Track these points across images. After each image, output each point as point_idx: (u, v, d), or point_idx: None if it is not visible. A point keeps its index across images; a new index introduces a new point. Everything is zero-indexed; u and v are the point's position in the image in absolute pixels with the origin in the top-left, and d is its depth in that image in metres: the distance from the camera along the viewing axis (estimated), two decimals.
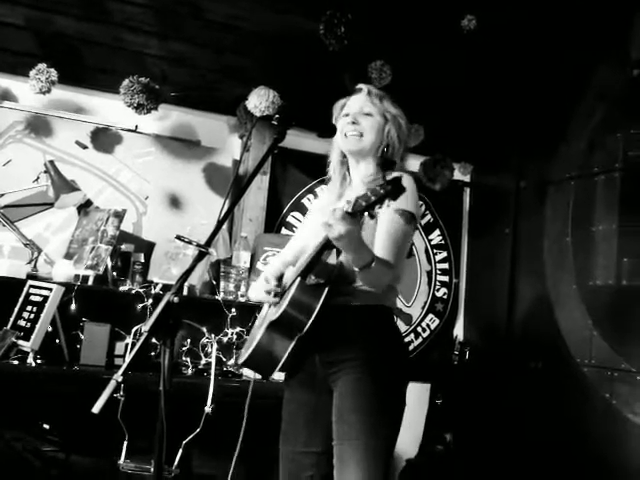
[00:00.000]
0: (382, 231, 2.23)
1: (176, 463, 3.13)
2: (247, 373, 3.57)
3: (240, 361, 2.43)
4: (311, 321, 2.12)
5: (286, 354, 2.21)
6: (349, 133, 2.37)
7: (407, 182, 2.27)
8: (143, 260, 3.88)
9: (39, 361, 3.20)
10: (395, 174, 2.19)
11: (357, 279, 2.24)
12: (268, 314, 2.37)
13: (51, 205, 3.88)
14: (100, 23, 3.83)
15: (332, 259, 2.24)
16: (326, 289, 2.14)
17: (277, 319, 2.17)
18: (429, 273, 4.92)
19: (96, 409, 1.73)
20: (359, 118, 2.37)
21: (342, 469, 2.22)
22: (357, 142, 2.37)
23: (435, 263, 4.94)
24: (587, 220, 3.98)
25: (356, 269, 2.11)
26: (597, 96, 4.02)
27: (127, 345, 3.43)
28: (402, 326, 4.71)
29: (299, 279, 2.15)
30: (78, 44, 3.89)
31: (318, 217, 2.43)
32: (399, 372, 2.33)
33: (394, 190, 1.85)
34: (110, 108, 4.08)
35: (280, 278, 2.41)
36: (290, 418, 2.41)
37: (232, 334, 3.64)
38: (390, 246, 2.21)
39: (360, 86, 2.46)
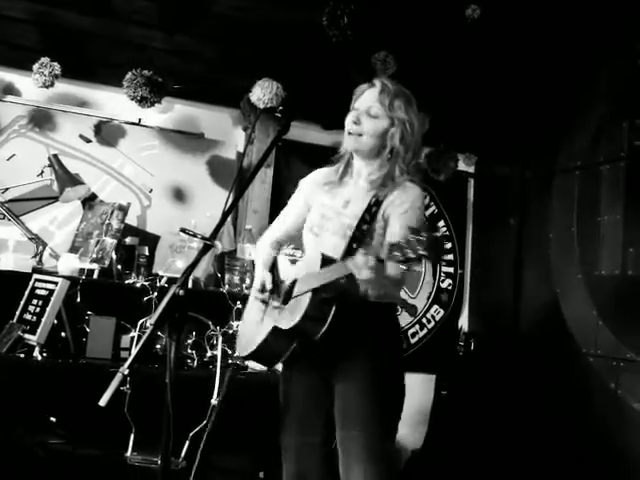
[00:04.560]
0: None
1: (183, 455, 3.14)
2: (252, 365, 3.58)
3: (243, 354, 2.46)
4: (320, 334, 2.14)
5: (289, 351, 2.27)
6: (349, 131, 2.33)
7: (414, 194, 2.28)
8: (148, 253, 3.89)
9: (45, 355, 3.21)
10: (408, 182, 2.24)
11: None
12: (268, 311, 2.38)
13: (56, 199, 3.89)
14: (104, 16, 3.82)
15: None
16: (334, 307, 2.14)
17: (289, 330, 2.19)
18: (434, 264, 4.91)
19: (103, 402, 1.73)
20: (362, 118, 2.30)
21: (350, 457, 2.24)
22: (354, 142, 2.32)
23: None
24: (592, 210, 3.97)
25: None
26: (602, 86, 4.00)
27: (133, 338, 3.44)
28: (407, 317, 4.70)
29: (311, 294, 2.15)
30: (81, 37, 3.89)
31: (314, 193, 2.45)
32: (400, 362, 2.37)
33: (435, 254, 1.81)
34: (114, 101, 4.08)
35: (273, 265, 2.47)
36: (293, 408, 2.41)
37: (237, 326, 3.64)
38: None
39: (375, 81, 2.36)
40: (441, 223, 4.95)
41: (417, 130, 2.33)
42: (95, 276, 3.62)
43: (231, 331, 3.62)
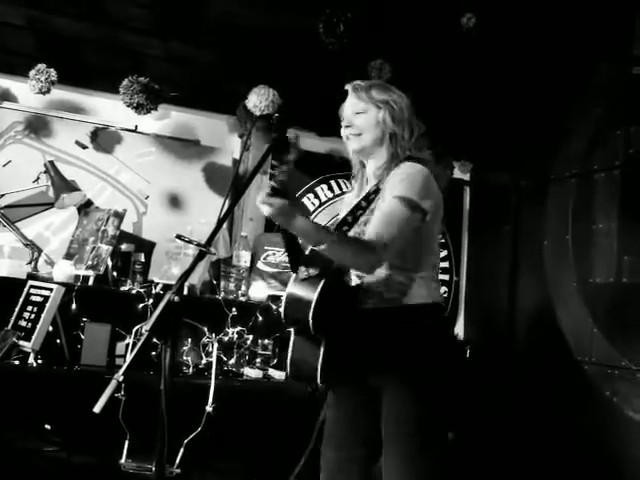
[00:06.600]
0: (375, 215, 2.20)
1: (177, 462, 3.13)
2: (247, 372, 3.58)
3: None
4: (311, 315, 2.07)
5: (320, 361, 2.15)
6: (347, 136, 2.36)
7: (410, 169, 2.27)
8: (143, 260, 3.88)
9: (40, 361, 3.20)
10: (407, 162, 2.26)
11: (351, 270, 2.24)
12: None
13: (51, 205, 3.88)
14: (100, 23, 3.83)
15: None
16: (322, 281, 2.09)
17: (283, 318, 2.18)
18: None
19: (97, 409, 1.73)
20: (352, 119, 2.34)
21: (391, 474, 2.20)
22: (357, 141, 2.34)
23: None
24: (587, 218, 3.98)
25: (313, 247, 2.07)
26: (598, 93, 4.02)
27: (128, 345, 3.43)
28: None
29: (293, 275, 2.14)
30: (78, 44, 3.90)
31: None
32: (439, 376, 2.24)
33: (280, 147, 1.91)
34: (110, 108, 4.08)
35: None
36: (334, 422, 2.39)
37: (233, 333, 3.64)
38: (378, 226, 2.14)
39: (346, 87, 2.41)
40: None
41: (405, 106, 2.35)
42: (90, 283, 3.62)
43: (226, 338, 3.62)
